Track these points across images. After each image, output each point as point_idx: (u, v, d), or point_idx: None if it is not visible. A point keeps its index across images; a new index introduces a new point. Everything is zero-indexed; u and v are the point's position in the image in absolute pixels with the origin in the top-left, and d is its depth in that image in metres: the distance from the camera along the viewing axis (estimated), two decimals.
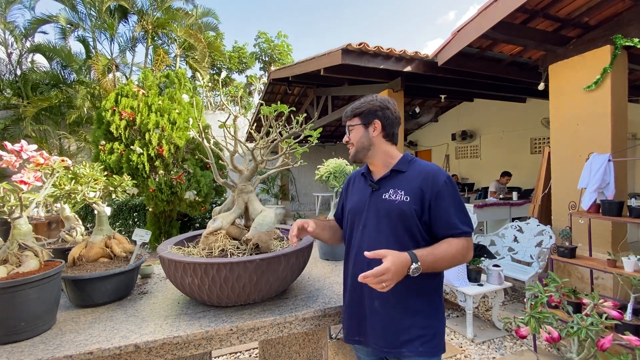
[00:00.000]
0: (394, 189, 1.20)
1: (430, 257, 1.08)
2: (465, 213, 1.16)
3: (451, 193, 1.15)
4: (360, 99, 1.31)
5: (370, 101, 1.26)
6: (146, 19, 11.08)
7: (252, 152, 1.51)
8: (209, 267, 1.18)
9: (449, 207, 1.14)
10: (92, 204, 1.53)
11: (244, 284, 1.22)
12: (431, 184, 1.15)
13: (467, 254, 1.14)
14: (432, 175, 1.17)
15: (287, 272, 1.32)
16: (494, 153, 9.08)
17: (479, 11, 3.44)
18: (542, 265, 3.68)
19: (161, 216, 5.88)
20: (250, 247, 1.37)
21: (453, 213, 1.14)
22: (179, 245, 1.50)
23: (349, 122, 1.30)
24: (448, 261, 1.11)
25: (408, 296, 1.15)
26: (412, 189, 1.17)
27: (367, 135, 1.25)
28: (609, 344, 1.42)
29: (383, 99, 1.28)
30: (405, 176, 1.21)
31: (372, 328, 1.19)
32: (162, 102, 5.32)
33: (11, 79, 9.65)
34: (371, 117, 1.25)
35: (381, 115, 1.25)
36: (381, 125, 1.25)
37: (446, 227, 1.14)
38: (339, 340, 2.88)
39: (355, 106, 1.29)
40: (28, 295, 1.11)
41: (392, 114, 1.26)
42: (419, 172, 1.20)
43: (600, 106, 3.43)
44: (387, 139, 1.27)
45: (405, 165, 1.23)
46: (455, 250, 1.11)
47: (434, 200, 1.14)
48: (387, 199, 1.19)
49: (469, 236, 1.15)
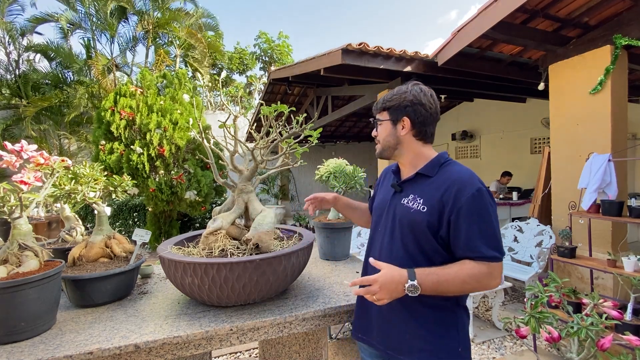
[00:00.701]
0: (414, 195, 1.09)
1: (432, 277, 0.96)
2: (493, 234, 0.98)
3: (478, 209, 0.97)
4: (394, 89, 1.16)
5: (402, 94, 1.12)
6: (146, 19, 11.09)
7: (252, 152, 1.51)
8: (209, 267, 1.18)
9: (471, 226, 0.97)
10: (92, 204, 1.53)
11: (244, 284, 1.22)
12: (454, 196, 0.99)
13: (485, 281, 0.97)
14: (458, 186, 1.00)
15: (287, 272, 1.32)
16: (494, 153, 9.08)
17: (479, 11, 3.44)
18: (542, 265, 3.68)
19: (161, 216, 5.88)
20: (250, 247, 1.37)
21: (476, 234, 0.97)
22: (179, 245, 1.50)
23: (378, 115, 1.18)
24: (457, 286, 0.96)
25: (415, 304, 1.06)
26: (433, 199, 1.03)
27: (395, 134, 1.13)
28: (609, 344, 1.42)
29: (418, 91, 1.12)
30: (430, 182, 1.08)
31: (378, 330, 1.15)
32: (164, 103, 5.32)
33: (10, 79, 9.65)
34: (400, 114, 1.11)
35: (411, 111, 1.10)
36: (411, 124, 1.11)
37: (465, 249, 0.98)
38: (339, 340, 2.88)
39: (386, 98, 1.16)
40: (28, 295, 1.11)
41: (425, 110, 1.10)
42: (445, 180, 1.04)
43: (600, 106, 3.43)
44: (418, 138, 1.13)
45: (433, 169, 1.09)
46: (466, 274, 0.96)
47: (455, 216, 0.98)
48: (404, 205, 1.10)
49: (495, 261, 0.97)
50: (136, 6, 10.92)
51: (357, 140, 12.52)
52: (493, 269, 0.98)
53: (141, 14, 11.10)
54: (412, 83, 1.15)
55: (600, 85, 3.38)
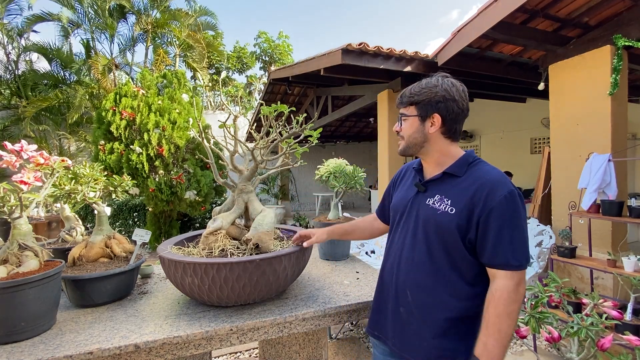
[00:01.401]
0: (441, 195, 1.03)
1: (489, 341, 0.90)
2: (522, 240, 0.94)
3: (511, 213, 0.93)
4: (421, 81, 1.07)
5: (432, 88, 1.03)
6: (145, 19, 11.09)
7: (252, 152, 1.51)
8: (208, 267, 1.18)
9: (501, 230, 0.92)
10: (92, 204, 1.53)
11: (244, 284, 1.22)
12: (485, 197, 0.94)
13: (518, 293, 0.92)
14: (490, 186, 0.95)
15: (287, 272, 1.32)
16: (494, 153, 9.08)
17: (479, 11, 3.44)
18: (542, 265, 3.68)
19: (161, 216, 5.88)
20: (250, 247, 1.37)
21: (506, 239, 0.92)
22: (179, 246, 1.50)
23: (404, 109, 1.09)
24: (506, 321, 0.91)
25: (432, 314, 1.02)
26: (462, 200, 0.98)
27: (423, 131, 1.05)
28: (609, 344, 1.42)
29: (450, 85, 1.03)
30: (458, 182, 1.02)
31: (393, 329, 1.12)
32: (162, 102, 5.32)
33: (9, 79, 9.64)
34: (431, 110, 1.03)
35: (443, 107, 1.02)
36: (441, 121, 1.03)
37: (492, 257, 0.93)
38: (339, 340, 2.88)
39: (414, 91, 1.06)
40: (28, 295, 1.11)
41: (458, 107, 1.03)
42: (474, 180, 0.99)
43: (600, 106, 3.44)
44: (447, 136, 1.06)
45: (462, 168, 1.03)
46: (503, 304, 0.90)
47: (485, 218, 0.94)
48: (430, 206, 1.04)
49: (520, 270, 0.93)
50: (135, 6, 10.92)
51: (357, 140, 12.53)
52: (519, 278, 0.93)
53: (140, 14, 11.10)
54: (441, 75, 1.07)
55: (617, 85, 3.33)
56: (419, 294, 1.04)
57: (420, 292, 1.04)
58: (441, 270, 1.01)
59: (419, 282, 1.04)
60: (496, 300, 0.92)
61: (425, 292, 1.03)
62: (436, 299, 1.01)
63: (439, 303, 1.01)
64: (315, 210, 11.41)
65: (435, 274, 1.02)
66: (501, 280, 0.93)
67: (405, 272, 1.08)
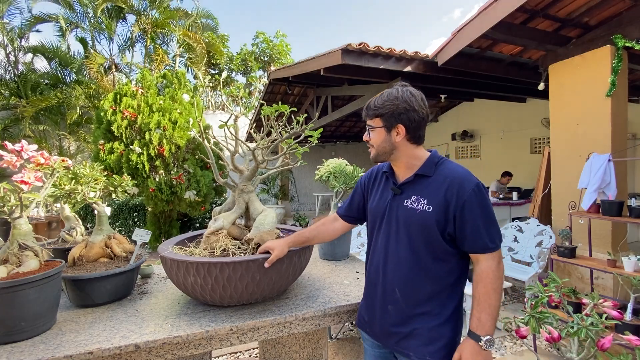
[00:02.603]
0: (417, 196, 1.11)
1: (483, 315, 1.03)
2: (494, 225, 1.07)
3: (480, 204, 1.05)
4: (383, 93, 1.15)
5: (393, 100, 1.11)
6: (144, 19, 11.08)
7: (253, 152, 1.51)
8: (212, 266, 1.18)
9: (476, 220, 1.04)
10: (92, 204, 1.53)
11: (246, 283, 1.23)
12: (457, 193, 1.05)
13: (498, 272, 1.06)
14: (459, 182, 1.06)
15: (289, 271, 1.33)
16: (494, 153, 9.08)
17: (479, 11, 3.44)
18: (542, 265, 3.68)
19: (161, 216, 5.88)
20: (252, 247, 1.37)
21: (481, 227, 1.04)
22: (180, 245, 1.50)
23: (370, 121, 1.17)
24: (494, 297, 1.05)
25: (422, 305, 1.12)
26: (436, 198, 1.07)
27: (390, 140, 1.14)
28: (609, 344, 1.42)
29: (409, 96, 1.11)
30: (430, 182, 1.11)
31: (381, 324, 1.19)
32: (164, 102, 5.32)
33: (9, 79, 9.65)
34: (394, 121, 1.11)
35: (406, 118, 1.11)
36: (405, 130, 1.12)
37: (472, 244, 1.06)
38: (339, 340, 2.88)
39: (377, 104, 1.14)
40: (28, 295, 1.11)
41: (418, 115, 1.11)
42: (444, 178, 1.09)
43: (600, 106, 3.44)
44: (412, 142, 1.14)
45: (431, 168, 1.13)
46: (489, 284, 1.05)
47: (460, 212, 1.04)
48: (409, 207, 1.12)
49: (497, 249, 1.07)
50: (134, 5, 10.91)
51: (357, 140, 12.52)
52: (497, 257, 1.07)
53: (138, 14, 11.09)
54: (401, 85, 1.14)
55: (614, 85, 3.35)
56: (406, 290, 1.13)
57: (408, 288, 1.12)
58: (425, 264, 1.11)
59: (406, 279, 1.13)
60: (484, 279, 1.06)
61: (412, 286, 1.12)
62: (422, 291, 1.11)
63: (424, 294, 1.11)
64: (315, 210, 11.42)
65: (420, 268, 1.11)
66: (484, 262, 1.07)
67: (391, 271, 1.16)
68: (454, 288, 1.14)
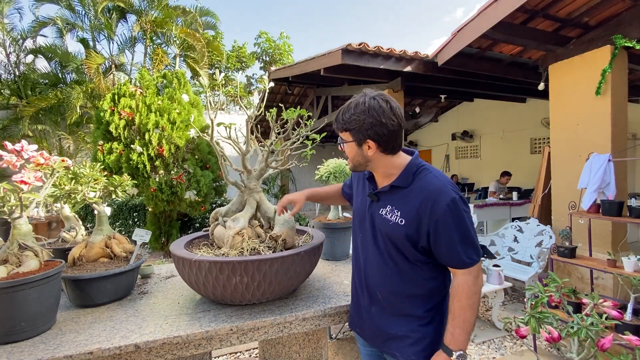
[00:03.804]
0: (392, 206, 1.09)
1: (457, 330, 1.03)
2: (471, 241, 1.03)
3: (455, 219, 1.00)
4: (350, 104, 1.09)
5: (360, 115, 1.04)
6: (144, 18, 11.07)
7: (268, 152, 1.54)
8: (262, 263, 1.22)
9: (451, 236, 1.01)
10: (92, 204, 1.53)
11: (280, 279, 1.28)
12: (430, 209, 1.01)
13: (475, 287, 1.04)
14: (433, 197, 1.01)
15: (312, 264, 1.43)
16: (494, 153, 9.08)
17: (479, 11, 3.44)
18: (542, 265, 3.68)
19: (161, 216, 5.87)
20: (280, 244, 1.41)
21: (457, 243, 1.01)
22: (189, 246, 1.49)
23: (341, 134, 1.14)
24: (469, 312, 1.03)
25: (405, 307, 1.13)
26: (410, 212, 1.05)
27: (362, 154, 1.10)
28: (609, 344, 1.42)
29: (377, 108, 1.03)
30: (405, 193, 1.08)
31: (368, 325, 1.22)
32: (162, 102, 5.31)
33: (10, 79, 9.65)
34: (363, 137, 1.06)
35: (373, 133, 1.04)
36: (376, 144, 1.07)
37: (448, 260, 1.04)
38: (339, 340, 2.88)
39: (345, 118, 1.08)
40: (28, 295, 1.11)
41: (387, 129, 1.04)
42: (419, 191, 1.05)
43: (600, 106, 3.44)
44: (387, 153, 1.09)
45: (407, 179, 1.08)
46: (465, 300, 1.03)
47: (434, 228, 1.01)
48: (383, 217, 1.11)
49: (474, 264, 1.04)
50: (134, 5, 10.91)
51: None
52: (475, 272, 1.05)
53: (139, 13, 11.09)
54: (370, 97, 1.06)
55: (600, 88, 3.38)
56: (387, 293, 1.15)
57: (388, 291, 1.14)
58: (402, 269, 1.11)
59: (386, 282, 1.14)
60: (459, 294, 1.04)
61: (393, 290, 1.13)
62: (403, 294, 1.12)
63: (405, 297, 1.12)
64: (315, 210, 11.41)
65: (399, 274, 1.12)
66: (461, 276, 1.05)
67: (372, 276, 1.18)
68: (439, 290, 1.13)
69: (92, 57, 9.90)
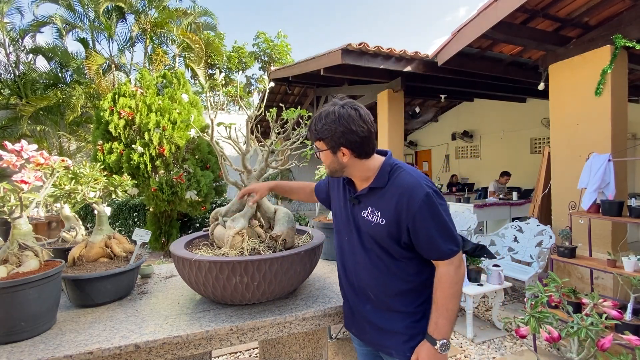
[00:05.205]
0: (372, 207, 1.14)
1: (440, 320, 1.06)
2: (449, 232, 1.06)
3: (431, 213, 1.04)
4: (322, 114, 1.11)
5: (331, 124, 1.07)
6: (143, 18, 11.07)
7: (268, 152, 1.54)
8: (262, 263, 1.22)
9: (429, 230, 1.04)
10: (92, 204, 1.53)
11: (280, 278, 1.27)
12: (407, 205, 1.05)
13: (457, 277, 1.07)
14: (408, 194, 1.05)
15: (312, 264, 1.42)
16: (494, 153, 9.08)
17: (479, 11, 3.44)
18: (542, 265, 3.68)
19: (161, 216, 5.87)
20: (280, 243, 1.41)
21: (435, 236, 1.04)
22: (189, 246, 1.49)
23: (315, 143, 1.16)
24: (452, 301, 1.06)
25: (394, 303, 1.16)
26: (388, 210, 1.09)
27: (337, 161, 1.13)
28: (609, 343, 1.42)
29: (347, 116, 1.06)
30: (383, 193, 1.12)
31: (361, 324, 1.24)
32: (163, 102, 5.32)
33: (10, 79, 9.65)
34: (336, 145, 1.09)
35: (345, 141, 1.08)
36: (350, 151, 1.10)
37: (428, 252, 1.08)
38: (339, 340, 2.88)
39: (317, 127, 1.11)
40: (28, 295, 1.11)
41: (358, 136, 1.07)
42: (395, 189, 1.09)
43: (600, 106, 3.44)
44: (361, 157, 1.12)
45: (383, 179, 1.12)
46: (447, 289, 1.06)
47: (412, 223, 1.05)
48: (365, 218, 1.15)
49: (454, 254, 1.07)
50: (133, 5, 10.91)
51: None
52: (457, 262, 1.08)
53: (138, 13, 11.09)
54: (339, 106, 1.09)
55: (600, 88, 3.37)
56: (377, 291, 1.17)
57: (378, 289, 1.17)
58: (389, 267, 1.14)
59: (375, 281, 1.17)
60: (442, 284, 1.08)
61: (382, 288, 1.16)
62: (392, 291, 1.15)
63: (395, 294, 1.15)
64: (315, 210, 11.42)
65: (388, 272, 1.15)
66: (442, 267, 1.08)
67: (363, 277, 1.20)
68: (429, 284, 1.15)
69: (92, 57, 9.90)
